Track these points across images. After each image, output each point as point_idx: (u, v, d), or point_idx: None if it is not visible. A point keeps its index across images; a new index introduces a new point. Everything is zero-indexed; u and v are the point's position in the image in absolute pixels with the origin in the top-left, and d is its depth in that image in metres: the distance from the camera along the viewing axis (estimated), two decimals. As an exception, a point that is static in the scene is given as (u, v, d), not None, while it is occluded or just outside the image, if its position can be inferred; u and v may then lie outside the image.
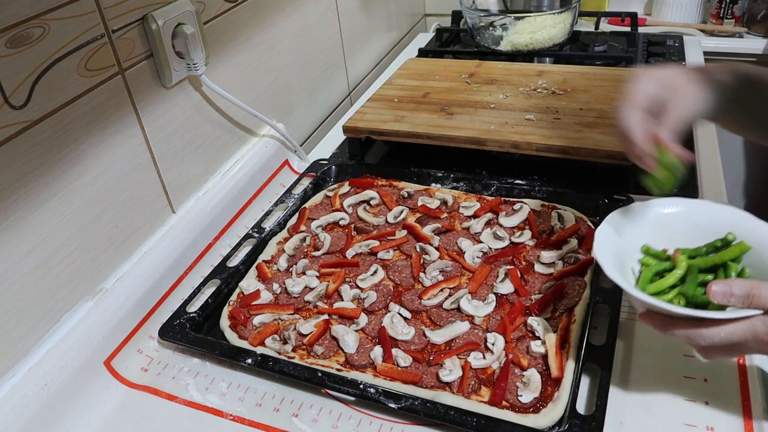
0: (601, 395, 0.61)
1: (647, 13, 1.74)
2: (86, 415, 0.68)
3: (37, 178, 0.68)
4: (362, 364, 0.69)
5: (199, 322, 0.77)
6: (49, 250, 0.71)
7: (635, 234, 0.65)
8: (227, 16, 0.96)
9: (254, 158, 1.04)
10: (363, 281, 0.81)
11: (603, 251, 0.61)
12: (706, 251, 0.63)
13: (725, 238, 0.63)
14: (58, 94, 0.69)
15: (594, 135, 0.96)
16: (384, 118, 1.08)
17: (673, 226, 0.66)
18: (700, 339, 0.54)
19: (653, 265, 0.63)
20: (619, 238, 0.64)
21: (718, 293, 0.54)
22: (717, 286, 0.54)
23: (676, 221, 0.66)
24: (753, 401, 0.62)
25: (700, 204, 0.67)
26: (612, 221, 0.65)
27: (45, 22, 0.66)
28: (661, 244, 0.65)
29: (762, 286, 0.53)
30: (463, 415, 0.61)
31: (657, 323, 0.57)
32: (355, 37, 1.43)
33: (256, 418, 0.67)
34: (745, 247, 0.61)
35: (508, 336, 0.70)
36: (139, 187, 0.84)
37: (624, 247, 0.64)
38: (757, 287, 0.53)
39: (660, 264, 0.63)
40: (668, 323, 0.56)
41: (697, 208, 0.66)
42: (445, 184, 0.98)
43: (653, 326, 0.57)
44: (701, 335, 0.54)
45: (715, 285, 0.54)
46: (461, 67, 1.26)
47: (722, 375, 0.65)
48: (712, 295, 0.54)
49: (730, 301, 0.53)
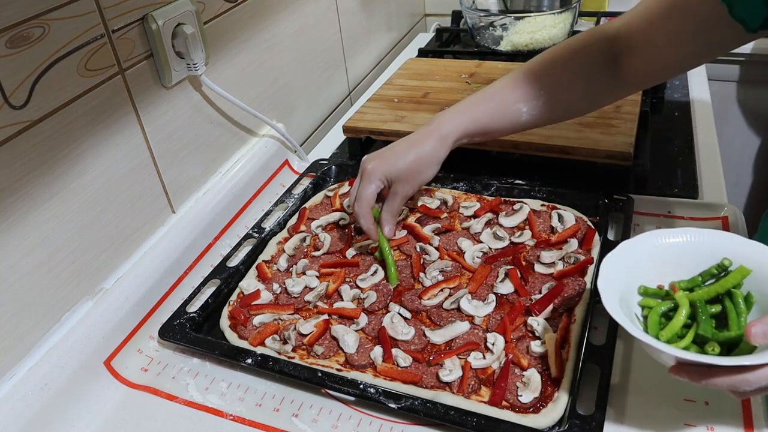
0: (601, 395, 0.61)
1: (647, 13, 1.73)
2: (86, 415, 0.68)
3: (37, 178, 0.68)
4: (362, 364, 0.69)
5: (199, 322, 0.77)
6: (49, 250, 0.71)
7: (629, 276, 0.62)
8: (227, 16, 0.96)
9: (254, 158, 1.04)
10: (363, 281, 0.81)
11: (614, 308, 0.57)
12: (702, 281, 0.62)
13: (721, 264, 0.61)
14: (58, 94, 0.69)
15: (594, 135, 0.96)
16: (384, 118, 1.08)
17: (662, 260, 0.63)
18: (746, 386, 0.50)
19: (656, 306, 0.60)
20: (618, 285, 0.61)
21: (758, 335, 0.50)
22: (756, 328, 0.50)
23: (665, 254, 0.64)
24: (753, 401, 0.62)
25: (685, 232, 0.64)
26: (607, 269, 0.61)
27: (45, 22, 0.66)
28: (653, 281, 0.63)
29: None
30: (463, 415, 0.61)
31: (694, 376, 0.52)
32: (355, 37, 1.43)
33: (256, 418, 0.67)
34: (746, 271, 0.59)
35: (508, 336, 0.70)
36: (139, 187, 0.84)
37: (624, 293, 0.61)
38: None
39: (663, 304, 0.61)
40: (707, 374, 0.52)
41: (683, 237, 0.64)
42: (445, 184, 0.98)
43: (689, 379, 0.53)
44: (747, 381, 0.50)
45: (754, 327, 0.50)
46: (461, 67, 1.26)
47: (722, 375, 0.65)
48: (753, 339, 0.50)
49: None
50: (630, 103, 1.04)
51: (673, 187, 0.95)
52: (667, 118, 1.14)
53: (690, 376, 0.53)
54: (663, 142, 1.06)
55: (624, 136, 0.96)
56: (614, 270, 0.61)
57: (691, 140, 1.07)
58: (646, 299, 0.62)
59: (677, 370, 0.54)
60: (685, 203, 0.90)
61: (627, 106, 1.03)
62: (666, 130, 1.10)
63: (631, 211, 0.86)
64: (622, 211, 0.86)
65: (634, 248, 0.64)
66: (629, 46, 0.73)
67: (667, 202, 0.90)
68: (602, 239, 0.82)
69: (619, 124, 0.99)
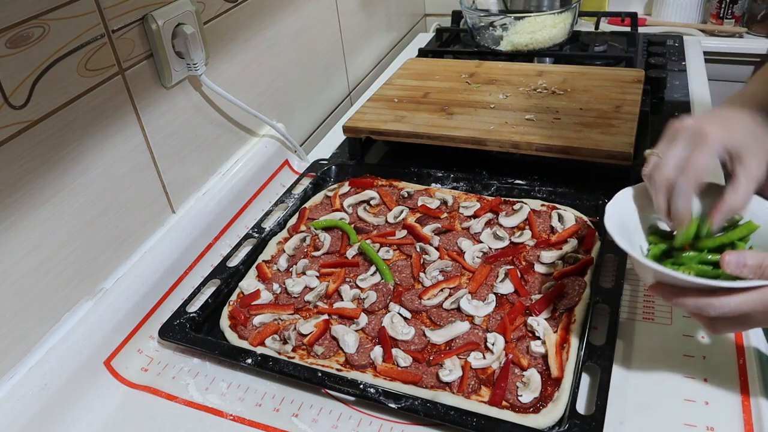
0: (601, 395, 0.61)
1: (647, 13, 1.74)
2: (86, 415, 0.68)
3: (37, 178, 0.68)
4: (362, 364, 0.69)
5: (199, 322, 0.77)
6: (49, 250, 0.71)
7: (644, 213, 0.65)
8: (227, 16, 0.96)
9: (254, 158, 1.04)
10: (363, 281, 0.81)
11: (613, 224, 0.61)
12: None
13: (732, 218, 0.62)
14: (58, 94, 0.69)
15: (594, 135, 0.96)
16: (384, 118, 1.08)
17: None
18: (710, 309, 0.54)
19: (662, 243, 0.63)
20: (629, 216, 0.64)
21: (731, 263, 0.53)
22: (730, 256, 0.54)
23: None
24: (753, 401, 0.62)
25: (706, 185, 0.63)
26: (623, 197, 0.65)
27: (45, 22, 0.66)
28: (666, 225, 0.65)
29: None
30: (463, 415, 0.61)
31: (666, 294, 0.56)
32: (355, 37, 1.43)
33: (256, 418, 0.67)
34: (753, 226, 0.60)
35: (508, 336, 0.70)
36: (139, 187, 0.84)
37: (633, 225, 0.64)
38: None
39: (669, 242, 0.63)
40: (678, 293, 0.55)
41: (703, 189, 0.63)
42: (445, 184, 0.98)
43: (662, 297, 0.56)
44: (711, 305, 0.53)
45: (729, 255, 0.54)
46: (461, 67, 1.26)
47: (722, 375, 0.65)
48: (725, 265, 0.54)
49: (743, 271, 0.53)
50: (630, 103, 1.04)
51: (673, 187, 0.95)
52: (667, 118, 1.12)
53: (663, 294, 0.56)
54: (663, 142, 1.06)
55: (624, 136, 0.96)
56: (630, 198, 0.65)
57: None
58: (655, 237, 0.65)
59: (654, 288, 0.57)
60: (685, 203, 0.90)
61: (627, 106, 1.03)
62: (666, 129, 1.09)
63: (631, 211, 0.86)
64: (622, 211, 0.86)
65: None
66: None
67: (667, 202, 0.90)
68: (602, 239, 0.82)
69: (619, 124, 0.99)
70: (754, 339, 0.69)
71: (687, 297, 0.55)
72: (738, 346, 0.68)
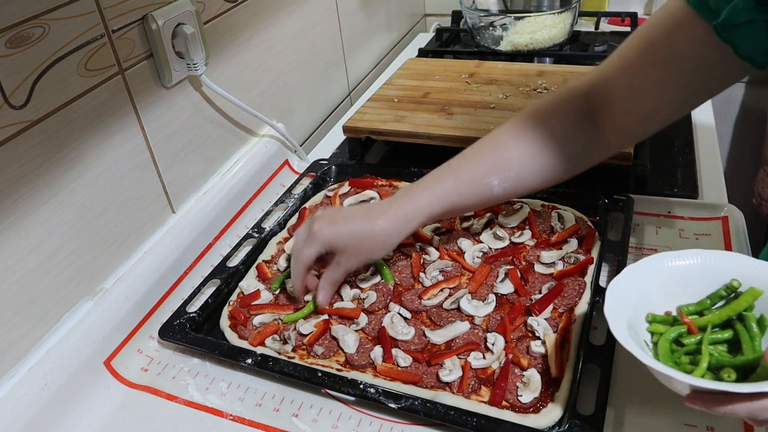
0: (601, 395, 0.61)
1: (647, 13, 1.74)
2: (86, 415, 0.68)
3: (37, 178, 0.68)
4: (362, 364, 0.69)
5: (199, 322, 0.77)
6: (49, 250, 0.71)
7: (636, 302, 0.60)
8: (227, 16, 0.96)
9: (254, 158, 1.04)
10: (363, 281, 0.81)
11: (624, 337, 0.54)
12: (711, 303, 0.59)
13: (730, 285, 0.58)
14: (58, 94, 0.69)
15: (594, 135, 0.96)
16: (384, 118, 1.08)
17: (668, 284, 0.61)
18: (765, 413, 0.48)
19: (666, 332, 0.58)
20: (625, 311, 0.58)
21: None
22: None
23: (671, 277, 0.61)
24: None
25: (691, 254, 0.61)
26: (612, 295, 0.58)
27: (45, 22, 0.66)
28: (660, 306, 0.61)
29: None
30: (463, 415, 0.61)
31: (711, 404, 0.50)
32: (355, 37, 1.43)
33: (256, 418, 0.67)
34: (757, 292, 0.56)
35: (508, 336, 0.70)
36: (139, 187, 0.84)
37: (632, 320, 0.58)
38: None
39: (673, 329, 0.58)
40: (725, 401, 0.49)
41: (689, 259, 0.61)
42: (445, 184, 0.98)
43: (706, 408, 0.50)
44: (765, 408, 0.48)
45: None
46: (461, 67, 1.26)
47: (722, 375, 0.65)
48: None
49: None
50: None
51: (673, 187, 0.95)
52: (667, 118, 1.14)
53: (707, 405, 0.50)
54: (663, 142, 1.06)
55: (624, 136, 0.95)
56: (620, 296, 0.58)
57: (691, 140, 1.07)
58: (655, 325, 0.59)
59: (693, 399, 0.51)
60: (685, 203, 0.90)
61: (627, 106, 1.03)
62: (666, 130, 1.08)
63: (631, 211, 0.86)
64: (622, 211, 0.86)
65: (639, 273, 0.61)
66: (608, 100, 0.69)
67: (667, 202, 0.90)
68: (602, 239, 0.82)
69: (619, 124, 0.99)
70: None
71: (736, 403, 0.48)
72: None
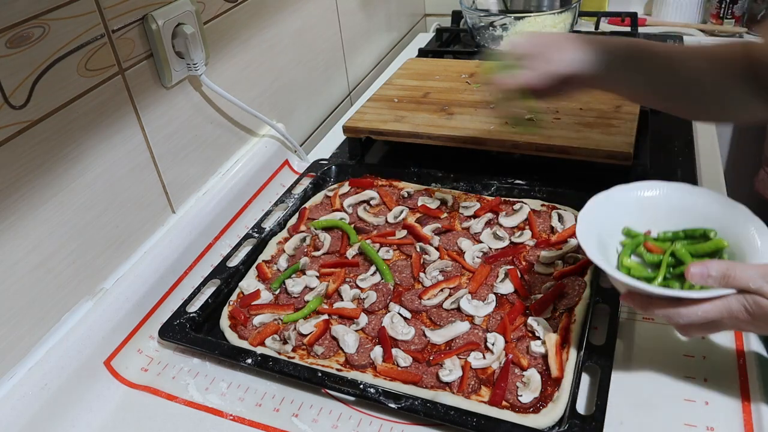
0: (601, 395, 0.61)
1: (647, 13, 1.74)
2: (86, 415, 0.68)
3: (37, 178, 0.68)
4: (362, 364, 0.69)
5: (199, 322, 0.77)
6: (49, 250, 0.71)
7: (617, 217, 0.68)
8: (227, 16, 0.96)
9: (254, 158, 1.04)
10: (363, 281, 0.81)
11: (586, 234, 0.63)
12: (684, 236, 0.66)
13: (705, 232, 0.64)
14: (58, 94, 0.69)
15: (594, 135, 0.96)
16: (384, 118, 1.08)
17: (654, 209, 0.68)
18: (678, 317, 0.56)
19: (628, 244, 0.66)
20: (602, 221, 0.66)
21: (696, 275, 0.56)
22: (695, 268, 0.56)
23: (657, 204, 0.68)
24: (753, 401, 0.62)
25: (680, 187, 0.68)
26: (595, 205, 0.67)
27: (45, 22, 0.66)
28: (642, 227, 0.68)
29: (737, 267, 0.55)
30: (463, 415, 0.61)
31: (637, 303, 0.59)
32: (355, 37, 1.43)
33: (256, 418, 0.67)
34: (722, 244, 0.62)
35: (508, 336, 0.70)
36: (139, 187, 0.84)
37: (607, 230, 0.67)
38: (732, 268, 0.55)
39: (633, 242, 0.66)
40: (648, 303, 0.58)
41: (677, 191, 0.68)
42: (445, 184, 0.98)
43: (634, 306, 0.60)
44: (679, 314, 0.56)
45: (694, 267, 0.56)
46: (461, 67, 1.26)
47: (723, 375, 0.65)
48: (690, 277, 0.56)
49: (708, 281, 0.56)
50: (630, 103, 1.04)
51: (673, 187, 0.95)
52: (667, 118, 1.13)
53: (634, 303, 0.59)
54: (663, 142, 1.06)
55: (624, 136, 0.96)
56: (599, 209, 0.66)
57: (691, 140, 1.07)
58: (627, 240, 0.67)
59: (626, 297, 0.60)
60: (685, 203, 0.90)
61: (627, 106, 1.03)
62: (666, 130, 1.10)
63: (631, 211, 0.86)
64: (622, 211, 0.86)
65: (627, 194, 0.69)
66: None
67: (667, 202, 0.90)
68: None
69: (619, 124, 0.99)
70: (755, 340, 0.69)
71: (657, 307, 0.57)
72: (738, 347, 0.68)
